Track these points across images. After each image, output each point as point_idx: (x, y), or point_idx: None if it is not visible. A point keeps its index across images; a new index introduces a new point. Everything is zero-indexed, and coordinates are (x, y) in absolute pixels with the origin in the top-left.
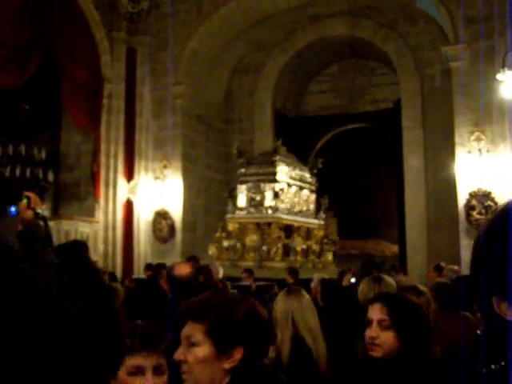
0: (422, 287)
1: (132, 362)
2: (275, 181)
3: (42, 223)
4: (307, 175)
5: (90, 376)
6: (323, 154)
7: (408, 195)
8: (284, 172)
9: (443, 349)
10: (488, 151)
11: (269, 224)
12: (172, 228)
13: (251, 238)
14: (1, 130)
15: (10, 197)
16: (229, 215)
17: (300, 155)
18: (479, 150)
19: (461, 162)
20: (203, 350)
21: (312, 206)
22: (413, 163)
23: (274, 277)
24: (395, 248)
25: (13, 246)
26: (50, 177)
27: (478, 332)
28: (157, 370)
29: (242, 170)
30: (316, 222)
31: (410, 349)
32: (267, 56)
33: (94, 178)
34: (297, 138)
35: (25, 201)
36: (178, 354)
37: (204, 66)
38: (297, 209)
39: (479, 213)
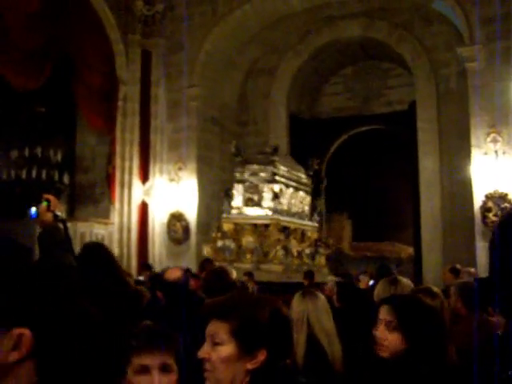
0: (435, 289)
1: (138, 361)
2: (274, 181)
3: (61, 226)
4: (303, 176)
5: (103, 375)
6: (338, 156)
7: (423, 197)
8: (283, 172)
9: (464, 351)
10: (504, 153)
11: (266, 225)
12: (187, 230)
13: (248, 239)
14: (17, 132)
15: (29, 200)
16: (224, 215)
17: (315, 157)
18: (495, 152)
19: (477, 163)
20: (227, 349)
21: (307, 208)
22: (428, 165)
23: (274, 280)
24: (410, 250)
25: (31, 248)
26: (66, 179)
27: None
28: (163, 369)
29: (240, 169)
30: (310, 224)
31: (419, 350)
32: (281, 58)
33: (109, 179)
34: (311, 140)
35: (44, 203)
36: (203, 352)
37: (218, 69)
38: (293, 210)
39: (495, 215)
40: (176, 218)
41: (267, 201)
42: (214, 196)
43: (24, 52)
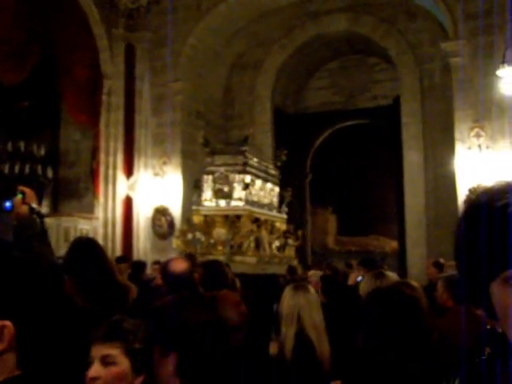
0: (413, 283)
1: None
2: (245, 172)
3: (37, 218)
4: (271, 167)
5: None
6: (323, 150)
7: (407, 191)
8: (253, 163)
9: (450, 343)
10: (487, 147)
11: (237, 216)
12: (171, 224)
13: (218, 231)
14: (0, 127)
15: (3, 192)
16: (194, 207)
17: (299, 151)
18: (479, 146)
19: (460, 158)
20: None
21: (275, 200)
22: (412, 159)
23: (248, 271)
24: (395, 244)
25: (10, 242)
26: (50, 173)
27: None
28: (104, 361)
29: (209, 160)
30: (279, 215)
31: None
32: (266, 52)
33: (93, 174)
34: (296, 134)
35: (19, 196)
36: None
37: (203, 63)
38: (263, 202)
39: None
40: (160, 212)
41: (238, 192)
42: (190, 187)
43: (7, 46)
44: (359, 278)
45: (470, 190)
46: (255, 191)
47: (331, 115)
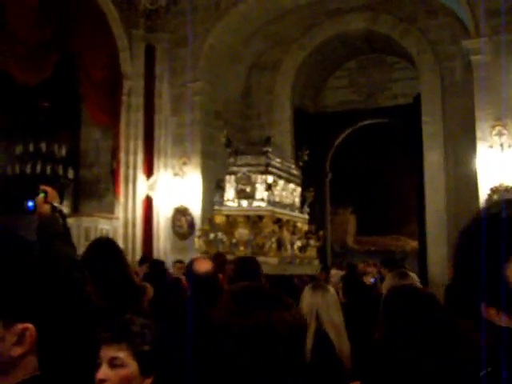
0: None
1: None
2: (267, 172)
3: (59, 217)
4: (293, 167)
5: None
6: (342, 150)
7: (428, 190)
8: (275, 163)
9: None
10: (510, 146)
11: (259, 217)
12: (191, 224)
13: (241, 231)
14: (22, 127)
15: (26, 192)
16: (216, 207)
17: (319, 151)
18: (501, 145)
19: (482, 156)
20: None
21: (297, 200)
22: (433, 158)
23: (270, 272)
24: (415, 244)
25: (33, 242)
26: (70, 174)
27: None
28: (111, 363)
29: (231, 160)
30: (301, 216)
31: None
32: (285, 52)
33: (113, 174)
34: (315, 133)
35: (41, 195)
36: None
37: (222, 63)
38: (285, 202)
39: None
40: (181, 212)
41: (260, 192)
42: (212, 188)
43: (28, 47)
44: (372, 280)
45: (491, 189)
46: (277, 192)
47: (351, 114)
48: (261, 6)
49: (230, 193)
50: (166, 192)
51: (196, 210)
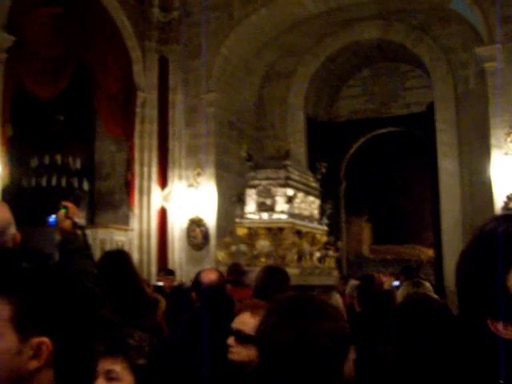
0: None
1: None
2: (287, 185)
3: (80, 233)
4: (311, 180)
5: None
6: (356, 159)
7: (443, 199)
8: (295, 176)
9: None
10: None
11: (280, 229)
12: (206, 235)
13: (262, 243)
14: (37, 140)
15: (48, 207)
16: (237, 220)
17: (333, 160)
18: None
19: (497, 164)
20: None
21: (316, 212)
22: (447, 166)
23: (293, 283)
24: (430, 252)
25: (50, 254)
26: (85, 186)
27: None
28: (107, 376)
29: (252, 174)
30: (320, 227)
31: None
32: (298, 62)
33: (128, 186)
34: (329, 143)
35: (63, 210)
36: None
37: (235, 73)
38: (304, 214)
39: None
40: (195, 223)
41: (281, 205)
42: (233, 201)
43: (43, 61)
44: (395, 283)
45: (507, 197)
46: (297, 204)
47: (364, 123)
48: (273, 16)
49: (250, 206)
50: (181, 203)
51: (211, 220)
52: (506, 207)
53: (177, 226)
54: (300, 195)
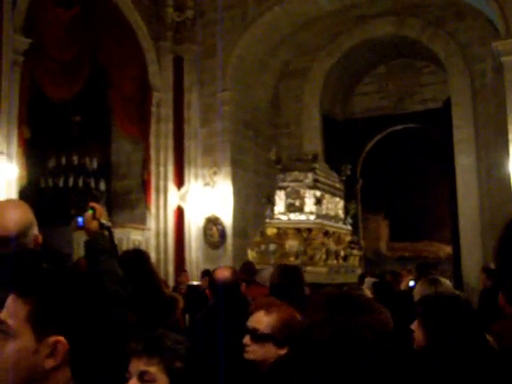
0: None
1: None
2: (316, 187)
3: (107, 233)
4: (337, 181)
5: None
6: (372, 156)
7: (460, 195)
8: (322, 179)
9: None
10: None
11: (308, 229)
12: (223, 234)
13: (290, 243)
14: (54, 141)
15: (68, 207)
16: (267, 220)
17: (349, 158)
18: None
19: None
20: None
21: (341, 212)
22: (465, 162)
23: (319, 281)
24: (449, 249)
25: (69, 255)
26: (102, 186)
27: None
28: (141, 377)
29: (281, 176)
30: (344, 227)
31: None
32: (313, 60)
33: (144, 185)
34: (345, 140)
35: (90, 212)
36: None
37: (250, 72)
38: (330, 214)
39: None
40: (212, 222)
41: (309, 206)
42: (249, 200)
43: (59, 63)
44: (412, 283)
45: None
46: (324, 205)
47: (380, 120)
48: (287, 15)
49: (280, 206)
50: (197, 202)
51: (227, 219)
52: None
53: (193, 225)
54: (327, 196)
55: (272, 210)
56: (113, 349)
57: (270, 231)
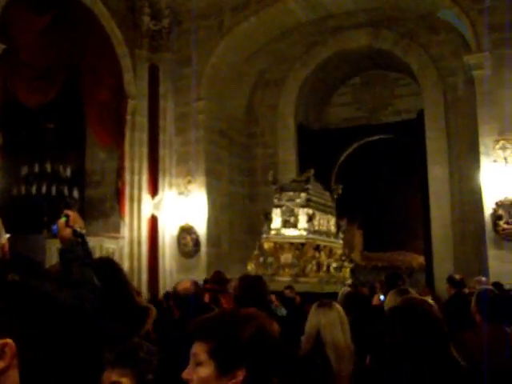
0: (430, 300)
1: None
2: (308, 206)
3: (80, 241)
4: (329, 199)
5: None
6: (347, 166)
7: (433, 206)
8: (314, 198)
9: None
10: None
11: (301, 244)
12: (197, 243)
13: (285, 256)
14: (27, 148)
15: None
16: (264, 235)
17: (324, 168)
18: (505, 159)
19: (486, 171)
20: (205, 370)
21: (333, 228)
22: (437, 173)
23: (311, 290)
24: (422, 259)
25: (41, 262)
26: (76, 194)
27: None
28: None
29: (277, 196)
30: (336, 241)
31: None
32: (288, 69)
33: (118, 194)
34: (320, 150)
35: (63, 219)
36: (185, 373)
37: (226, 81)
38: (322, 230)
39: (506, 222)
40: (186, 231)
41: (302, 223)
42: (224, 209)
43: (34, 69)
44: (382, 297)
45: (496, 204)
46: (316, 221)
47: (355, 130)
48: (263, 24)
49: (276, 223)
50: (171, 211)
51: (201, 228)
52: (495, 214)
53: (167, 234)
54: (319, 214)
55: (269, 226)
56: (79, 358)
57: (268, 245)
